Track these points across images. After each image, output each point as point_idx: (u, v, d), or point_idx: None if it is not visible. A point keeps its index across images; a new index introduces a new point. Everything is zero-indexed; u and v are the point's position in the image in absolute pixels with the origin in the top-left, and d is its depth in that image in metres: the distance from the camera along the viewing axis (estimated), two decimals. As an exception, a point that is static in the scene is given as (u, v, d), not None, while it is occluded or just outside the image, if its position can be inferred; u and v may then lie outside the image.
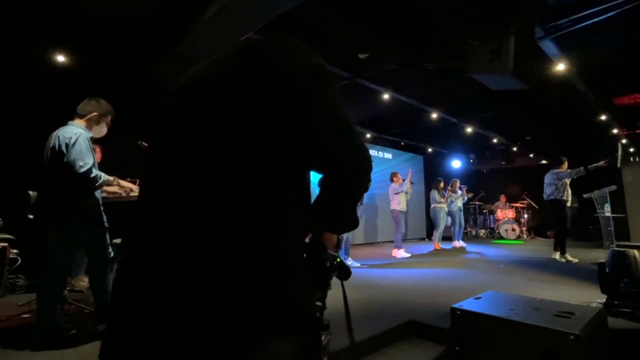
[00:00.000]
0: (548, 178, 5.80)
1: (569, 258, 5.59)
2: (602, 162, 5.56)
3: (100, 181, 2.28)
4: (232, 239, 0.63)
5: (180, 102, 0.78)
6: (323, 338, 0.76)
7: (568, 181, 5.67)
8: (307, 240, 0.79)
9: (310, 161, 0.74)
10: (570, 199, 5.74)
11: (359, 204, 4.80)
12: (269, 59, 0.74)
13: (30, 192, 2.82)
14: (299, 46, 0.78)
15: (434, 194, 7.63)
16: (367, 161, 0.79)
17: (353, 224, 0.82)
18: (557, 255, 5.67)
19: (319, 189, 0.79)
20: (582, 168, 5.56)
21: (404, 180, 6.64)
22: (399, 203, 6.37)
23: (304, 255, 0.75)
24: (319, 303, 0.77)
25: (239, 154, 0.66)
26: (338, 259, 0.80)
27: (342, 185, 0.77)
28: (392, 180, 6.60)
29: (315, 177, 0.79)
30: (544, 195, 5.85)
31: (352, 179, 0.77)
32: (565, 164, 5.83)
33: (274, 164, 0.68)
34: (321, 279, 0.77)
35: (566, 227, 5.87)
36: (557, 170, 5.76)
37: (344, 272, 0.80)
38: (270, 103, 0.69)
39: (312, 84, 0.73)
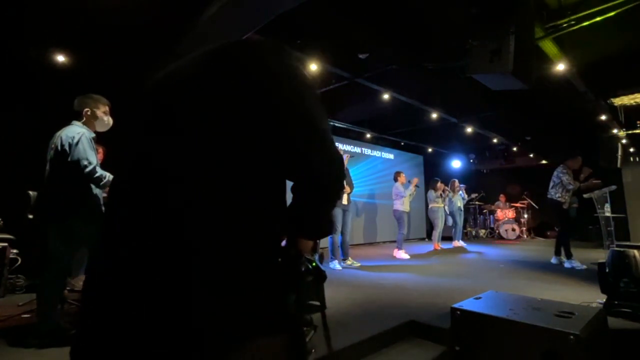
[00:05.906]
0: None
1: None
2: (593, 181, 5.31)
3: (104, 181, 2.28)
4: (203, 243, 0.63)
5: (151, 105, 0.78)
6: (306, 334, 0.78)
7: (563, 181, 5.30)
8: (283, 244, 0.80)
9: (284, 166, 0.72)
10: (567, 200, 5.31)
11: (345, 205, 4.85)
12: (238, 61, 0.72)
13: (30, 192, 2.82)
14: (274, 48, 0.75)
15: (431, 194, 7.63)
16: (340, 167, 0.77)
17: (328, 230, 0.82)
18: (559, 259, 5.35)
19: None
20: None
21: (408, 181, 6.62)
22: (402, 203, 6.36)
23: (279, 259, 0.75)
24: (296, 299, 0.79)
25: (209, 159, 0.66)
26: (314, 263, 0.82)
27: (317, 192, 0.75)
28: (396, 179, 6.56)
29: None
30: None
31: (327, 185, 0.75)
32: (577, 161, 5.37)
33: (246, 168, 0.68)
34: (295, 282, 0.78)
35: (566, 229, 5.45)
36: (563, 167, 5.33)
37: (320, 276, 0.82)
38: (240, 107, 0.68)
39: (285, 88, 0.72)
